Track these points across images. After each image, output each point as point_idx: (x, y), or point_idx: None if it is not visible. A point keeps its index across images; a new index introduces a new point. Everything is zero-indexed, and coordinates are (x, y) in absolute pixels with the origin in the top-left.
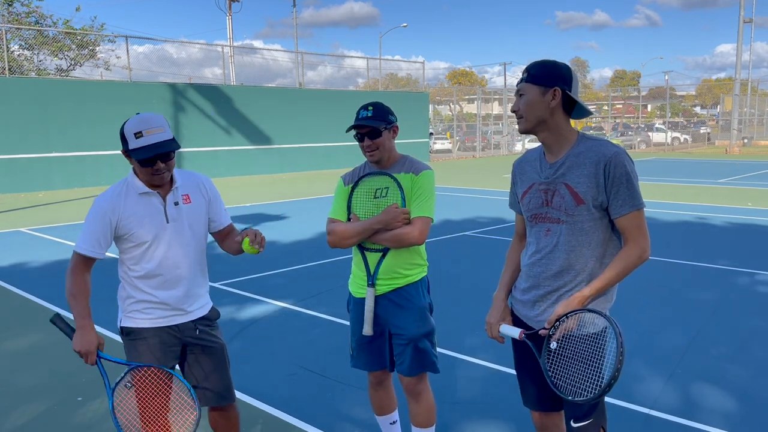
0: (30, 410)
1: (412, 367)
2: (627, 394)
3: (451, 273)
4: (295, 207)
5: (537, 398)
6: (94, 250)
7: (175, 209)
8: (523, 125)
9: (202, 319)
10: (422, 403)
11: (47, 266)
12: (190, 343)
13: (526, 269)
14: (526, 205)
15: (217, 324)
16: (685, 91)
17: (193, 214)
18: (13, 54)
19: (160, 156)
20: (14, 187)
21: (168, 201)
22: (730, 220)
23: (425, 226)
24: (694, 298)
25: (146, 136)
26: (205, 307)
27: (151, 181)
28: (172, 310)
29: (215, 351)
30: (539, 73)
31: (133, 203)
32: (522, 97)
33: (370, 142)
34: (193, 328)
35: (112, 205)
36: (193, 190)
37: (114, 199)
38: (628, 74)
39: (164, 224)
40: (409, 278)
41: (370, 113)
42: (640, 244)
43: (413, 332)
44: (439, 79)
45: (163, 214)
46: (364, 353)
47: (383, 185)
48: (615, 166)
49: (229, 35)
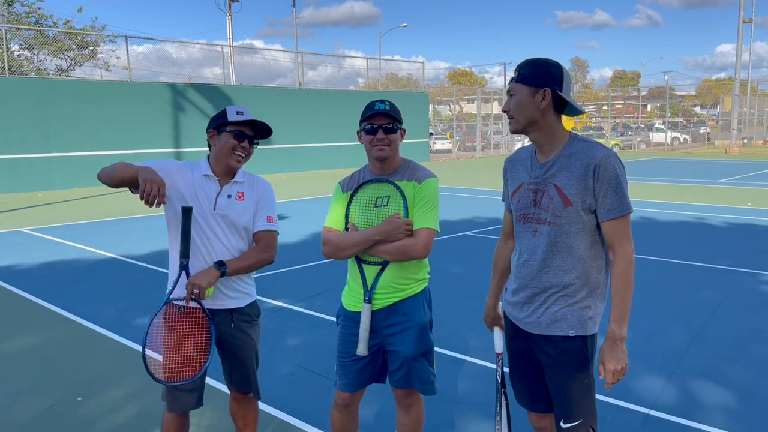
0: (30, 410)
1: (407, 383)
2: (626, 393)
3: (451, 273)
4: (295, 207)
5: (529, 399)
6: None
7: (226, 201)
8: (514, 126)
9: (240, 312)
10: (411, 414)
11: (47, 266)
12: (223, 336)
13: (515, 270)
14: (515, 204)
15: (256, 322)
16: (685, 91)
17: (241, 211)
18: (13, 54)
19: (249, 136)
20: (14, 187)
21: (223, 191)
22: (730, 220)
23: (430, 239)
24: (694, 298)
25: (247, 115)
26: (240, 299)
27: (227, 161)
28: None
29: (243, 350)
30: (529, 73)
31: (196, 179)
32: (512, 97)
33: (384, 135)
34: (228, 321)
35: (180, 167)
36: (249, 190)
37: (184, 165)
38: (628, 74)
39: (211, 209)
40: (409, 291)
41: (388, 107)
42: (625, 251)
43: (410, 352)
44: (439, 79)
45: (213, 200)
46: (352, 373)
47: (384, 193)
48: (605, 169)
49: (229, 35)
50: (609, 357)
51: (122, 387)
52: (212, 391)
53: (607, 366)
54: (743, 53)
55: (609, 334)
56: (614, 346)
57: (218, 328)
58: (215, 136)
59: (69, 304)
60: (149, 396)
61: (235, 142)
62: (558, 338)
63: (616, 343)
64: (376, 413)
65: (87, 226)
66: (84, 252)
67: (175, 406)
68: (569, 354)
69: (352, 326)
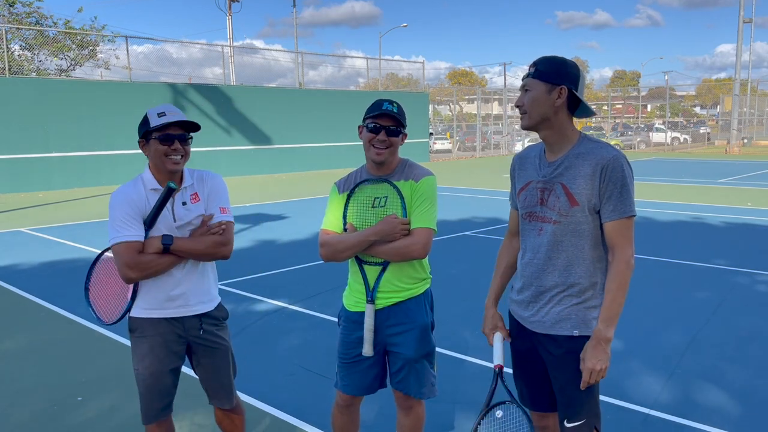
0: (30, 410)
1: (409, 388)
2: (626, 393)
3: (451, 273)
4: (295, 207)
5: (532, 399)
6: (135, 234)
7: (183, 209)
8: (526, 121)
9: (208, 317)
10: (411, 416)
11: (47, 266)
12: (194, 342)
13: (520, 268)
14: (522, 202)
15: (225, 324)
16: (685, 91)
17: (200, 213)
18: (14, 54)
19: (178, 135)
20: (14, 187)
21: (176, 200)
22: (730, 220)
23: (429, 239)
24: (694, 298)
25: (169, 115)
26: (209, 303)
27: (164, 166)
28: (173, 303)
29: (218, 353)
30: (547, 69)
31: (145, 197)
32: (527, 92)
33: (386, 137)
34: (197, 326)
35: (131, 197)
36: (200, 188)
37: (131, 192)
38: (627, 74)
39: (172, 223)
40: (410, 292)
41: (396, 110)
42: (625, 254)
43: (412, 353)
44: (439, 79)
45: (171, 213)
46: (354, 374)
47: (382, 194)
48: (612, 170)
49: (229, 35)
50: (590, 355)
51: (122, 387)
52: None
53: (587, 364)
54: (743, 53)
55: (595, 333)
56: (598, 346)
57: (188, 335)
58: (145, 146)
59: (69, 304)
60: None
61: (165, 147)
62: (562, 338)
63: (601, 343)
64: (376, 414)
65: (87, 226)
66: (84, 252)
67: (147, 418)
68: (573, 353)
69: (353, 327)
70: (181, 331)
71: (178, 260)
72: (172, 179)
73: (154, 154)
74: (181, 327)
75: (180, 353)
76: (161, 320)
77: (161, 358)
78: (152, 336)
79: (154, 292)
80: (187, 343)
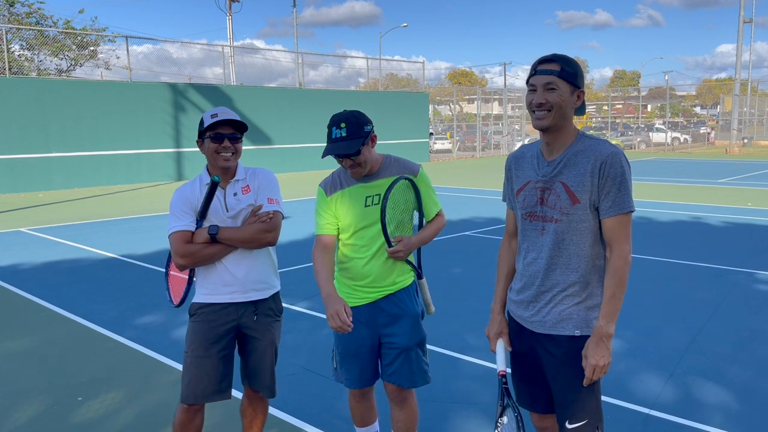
0: (30, 410)
1: (402, 379)
2: (626, 393)
3: (451, 273)
4: (295, 207)
5: (531, 400)
6: (184, 224)
7: (234, 199)
8: (549, 120)
9: (264, 305)
10: (406, 409)
11: (47, 266)
12: (245, 327)
13: (521, 269)
14: (521, 203)
15: (279, 319)
16: (686, 91)
17: (250, 203)
18: (14, 54)
19: (228, 134)
20: (14, 187)
21: (228, 192)
22: (730, 220)
23: (444, 216)
24: (694, 298)
25: (220, 115)
26: (264, 291)
27: (217, 163)
28: (228, 288)
29: (263, 344)
30: (571, 71)
31: (199, 193)
32: (553, 91)
33: (351, 162)
34: (252, 313)
35: (185, 193)
36: (252, 182)
37: (187, 188)
38: (628, 74)
39: (224, 213)
40: (400, 284)
41: (345, 132)
42: (623, 250)
43: (406, 342)
44: (439, 79)
45: (223, 204)
46: (351, 367)
47: (374, 192)
48: (611, 166)
49: (229, 35)
50: (593, 352)
51: (122, 387)
52: None
53: (590, 360)
54: (743, 53)
55: (596, 330)
56: (600, 342)
57: (240, 320)
58: (202, 145)
59: (69, 304)
60: (149, 396)
61: (216, 145)
62: (563, 338)
63: (602, 339)
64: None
65: (87, 226)
66: (84, 252)
67: (186, 397)
68: (575, 353)
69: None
70: (235, 316)
71: (228, 249)
72: (225, 175)
73: (208, 151)
74: (234, 312)
75: (229, 339)
76: (216, 305)
77: (206, 344)
78: (202, 322)
79: (211, 278)
80: (238, 329)
